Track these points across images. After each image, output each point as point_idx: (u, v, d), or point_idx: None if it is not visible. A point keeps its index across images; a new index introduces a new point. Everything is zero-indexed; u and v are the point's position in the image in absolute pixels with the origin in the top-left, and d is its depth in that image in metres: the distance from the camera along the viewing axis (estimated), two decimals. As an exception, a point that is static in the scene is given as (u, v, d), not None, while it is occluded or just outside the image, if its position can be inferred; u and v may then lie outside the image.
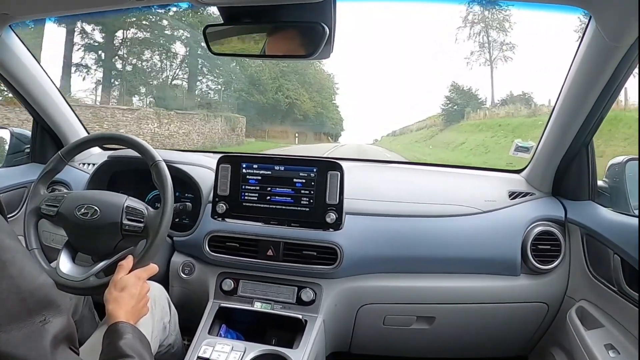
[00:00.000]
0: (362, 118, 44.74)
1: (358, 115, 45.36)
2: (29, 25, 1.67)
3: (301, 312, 1.60)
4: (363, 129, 45.04)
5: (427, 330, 1.72)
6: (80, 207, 1.36)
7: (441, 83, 35.78)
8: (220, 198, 1.68)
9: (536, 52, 29.42)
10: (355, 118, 44.44)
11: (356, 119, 45.12)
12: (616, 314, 1.43)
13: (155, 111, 15.04)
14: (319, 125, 27.10)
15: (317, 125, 27.00)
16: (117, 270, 1.25)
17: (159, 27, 18.02)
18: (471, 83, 25.73)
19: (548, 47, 25.52)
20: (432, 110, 26.22)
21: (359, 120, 45.19)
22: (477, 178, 2.04)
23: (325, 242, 1.61)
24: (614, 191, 1.66)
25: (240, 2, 1.19)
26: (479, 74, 25.32)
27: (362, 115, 42.61)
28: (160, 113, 15.01)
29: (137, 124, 14.05)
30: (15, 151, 2.15)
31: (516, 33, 22.76)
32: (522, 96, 20.51)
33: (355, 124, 37.61)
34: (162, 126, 14.73)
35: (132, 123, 13.94)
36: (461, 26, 22.93)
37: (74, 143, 1.51)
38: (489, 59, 22.75)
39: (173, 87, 19.12)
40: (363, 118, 44.70)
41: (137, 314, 1.20)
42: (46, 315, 0.78)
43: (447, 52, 38.15)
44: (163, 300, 1.50)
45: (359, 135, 34.13)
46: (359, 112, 44.45)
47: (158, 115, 14.84)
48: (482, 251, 1.65)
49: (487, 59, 22.78)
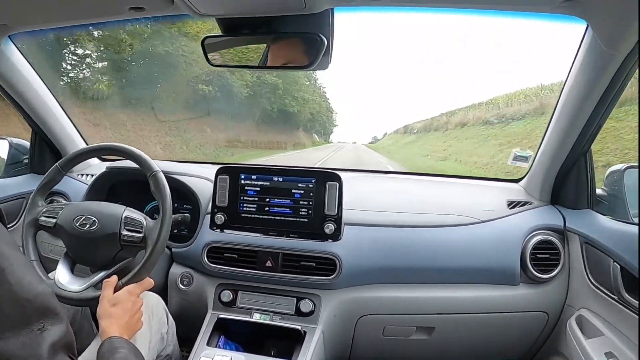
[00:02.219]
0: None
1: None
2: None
3: (300, 323, 1.60)
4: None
5: (427, 340, 1.72)
6: (79, 218, 1.36)
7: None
8: (218, 209, 1.68)
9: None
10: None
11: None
12: (616, 322, 1.42)
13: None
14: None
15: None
16: (104, 287, 1.25)
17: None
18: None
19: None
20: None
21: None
22: (476, 188, 2.04)
23: (324, 253, 1.60)
24: (613, 199, 1.65)
25: (239, 13, 1.20)
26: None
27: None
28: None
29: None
30: (14, 162, 2.14)
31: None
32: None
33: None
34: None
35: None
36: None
37: (72, 154, 1.51)
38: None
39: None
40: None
41: (130, 329, 1.19)
42: (44, 323, 0.78)
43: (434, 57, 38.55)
44: (161, 311, 1.50)
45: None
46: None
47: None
48: (481, 261, 1.64)
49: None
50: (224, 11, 1.21)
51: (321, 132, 29.10)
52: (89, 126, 10.39)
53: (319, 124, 28.54)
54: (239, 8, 1.18)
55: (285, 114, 21.57)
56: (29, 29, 1.59)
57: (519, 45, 29.37)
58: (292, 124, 23.76)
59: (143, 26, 11.66)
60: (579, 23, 1.25)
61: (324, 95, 28.45)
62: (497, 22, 13.73)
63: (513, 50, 31.09)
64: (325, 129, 29.96)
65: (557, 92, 1.56)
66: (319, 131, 28.63)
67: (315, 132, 27.96)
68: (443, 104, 37.58)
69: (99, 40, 11.67)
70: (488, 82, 35.19)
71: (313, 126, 27.66)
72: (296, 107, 22.28)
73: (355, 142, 30.44)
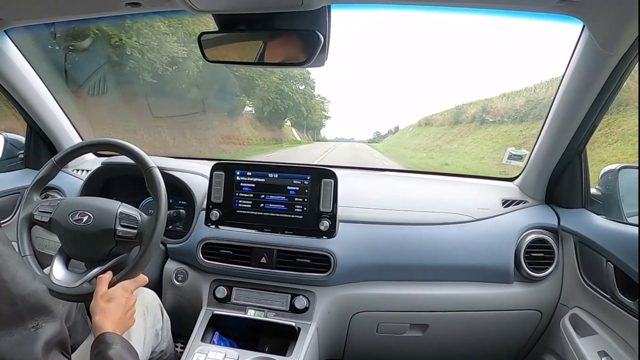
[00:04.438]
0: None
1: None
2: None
3: (294, 319, 1.60)
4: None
5: (421, 337, 1.72)
6: (74, 214, 1.35)
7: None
8: (214, 205, 1.67)
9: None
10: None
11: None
12: (609, 321, 1.43)
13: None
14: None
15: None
16: (98, 283, 1.25)
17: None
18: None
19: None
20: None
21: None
22: (471, 186, 2.04)
23: (319, 250, 1.61)
24: (607, 199, 1.66)
25: (236, 9, 1.20)
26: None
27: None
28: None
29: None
30: (9, 157, 2.14)
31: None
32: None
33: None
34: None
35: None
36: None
37: (68, 149, 1.50)
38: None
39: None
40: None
41: (124, 325, 1.19)
42: (39, 321, 0.79)
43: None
44: (155, 307, 1.50)
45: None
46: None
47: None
48: (475, 259, 1.65)
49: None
50: (221, 7, 1.21)
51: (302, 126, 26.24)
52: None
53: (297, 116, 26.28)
54: (236, 4, 1.18)
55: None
56: (25, 24, 1.59)
57: (515, 45, 29.38)
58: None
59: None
60: (575, 23, 1.26)
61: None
62: (492, 21, 13.77)
63: (509, 50, 31.12)
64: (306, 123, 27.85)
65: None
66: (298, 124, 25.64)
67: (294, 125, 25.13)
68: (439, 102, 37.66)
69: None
70: (486, 81, 35.20)
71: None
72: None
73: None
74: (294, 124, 24.41)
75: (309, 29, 1.18)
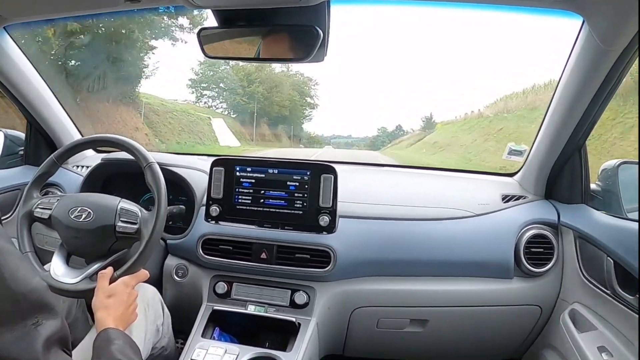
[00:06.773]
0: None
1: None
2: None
3: (295, 315, 1.60)
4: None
5: (421, 333, 1.72)
6: (74, 210, 1.35)
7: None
8: (213, 201, 1.68)
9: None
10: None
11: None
12: (609, 317, 1.43)
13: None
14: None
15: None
16: (99, 279, 1.25)
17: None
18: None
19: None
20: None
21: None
22: (471, 181, 2.05)
23: (319, 245, 1.61)
24: (607, 194, 1.65)
25: (235, 5, 1.19)
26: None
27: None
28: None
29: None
30: (8, 153, 2.14)
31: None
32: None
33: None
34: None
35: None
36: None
37: (67, 146, 1.50)
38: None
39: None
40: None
41: (126, 321, 1.20)
42: (39, 318, 0.78)
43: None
44: (156, 303, 1.50)
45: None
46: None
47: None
48: (475, 254, 1.65)
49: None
50: (220, 3, 1.20)
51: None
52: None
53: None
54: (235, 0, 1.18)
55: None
56: (24, 20, 1.59)
57: (515, 41, 29.35)
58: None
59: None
60: (574, 18, 1.25)
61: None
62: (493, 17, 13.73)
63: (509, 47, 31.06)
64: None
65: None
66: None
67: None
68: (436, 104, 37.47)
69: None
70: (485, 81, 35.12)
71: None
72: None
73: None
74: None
75: (308, 25, 1.17)
